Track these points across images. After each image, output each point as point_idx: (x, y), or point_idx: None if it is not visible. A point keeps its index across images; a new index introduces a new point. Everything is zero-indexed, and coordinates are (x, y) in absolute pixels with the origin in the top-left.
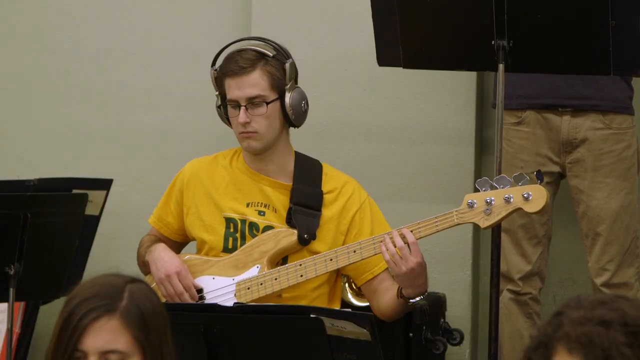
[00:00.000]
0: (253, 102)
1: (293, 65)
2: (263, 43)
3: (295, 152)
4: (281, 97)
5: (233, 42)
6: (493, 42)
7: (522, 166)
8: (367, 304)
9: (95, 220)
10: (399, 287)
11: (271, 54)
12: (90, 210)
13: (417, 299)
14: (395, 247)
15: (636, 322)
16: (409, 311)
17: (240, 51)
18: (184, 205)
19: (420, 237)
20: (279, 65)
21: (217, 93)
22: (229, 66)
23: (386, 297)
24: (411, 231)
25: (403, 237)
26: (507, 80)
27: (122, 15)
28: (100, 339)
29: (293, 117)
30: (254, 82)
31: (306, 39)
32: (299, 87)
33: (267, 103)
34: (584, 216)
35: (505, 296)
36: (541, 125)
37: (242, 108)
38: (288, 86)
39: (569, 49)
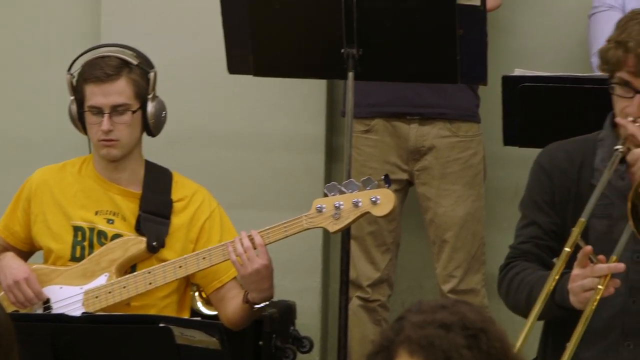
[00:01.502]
0: (117, 110)
1: (156, 74)
2: (125, 50)
3: (146, 160)
4: (143, 106)
5: (93, 48)
6: (343, 50)
7: (371, 174)
8: (216, 312)
9: None
10: (245, 292)
11: (135, 62)
12: None
13: (262, 304)
14: (242, 247)
15: (475, 325)
16: (258, 319)
17: (103, 57)
18: (31, 213)
19: (270, 242)
20: (142, 73)
21: (72, 98)
22: (93, 72)
23: (233, 304)
24: (260, 237)
25: (251, 239)
26: (357, 88)
27: None
28: None
29: (153, 127)
30: (120, 90)
31: (157, 45)
32: (158, 97)
33: (133, 112)
34: (431, 223)
35: (354, 303)
36: (389, 133)
37: (106, 115)
38: (151, 96)
39: (417, 58)
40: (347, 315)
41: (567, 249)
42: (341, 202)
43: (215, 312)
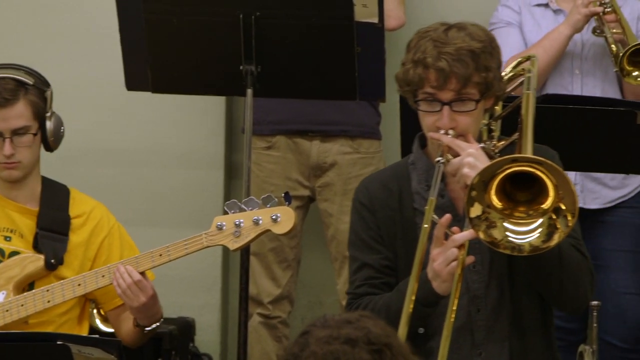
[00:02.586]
0: (18, 132)
1: (52, 92)
2: (19, 70)
3: (43, 177)
4: (42, 125)
5: None
6: (241, 67)
7: (272, 190)
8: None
9: None
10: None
11: (31, 82)
12: None
13: (153, 326)
14: (125, 283)
15: (380, 340)
16: (157, 336)
17: None
18: None
19: (170, 260)
20: (39, 93)
21: None
22: None
23: (126, 325)
24: (160, 255)
25: (130, 275)
26: (257, 105)
27: None
28: None
29: (53, 144)
30: (19, 114)
31: (55, 62)
32: (55, 113)
33: (34, 134)
34: (333, 239)
35: (255, 320)
36: (291, 150)
37: (7, 140)
38: (49, 114)
39: (316, 75)
40: (246, 331)
41: (425, 225)
42: (241, 220)
43: (112, 330)
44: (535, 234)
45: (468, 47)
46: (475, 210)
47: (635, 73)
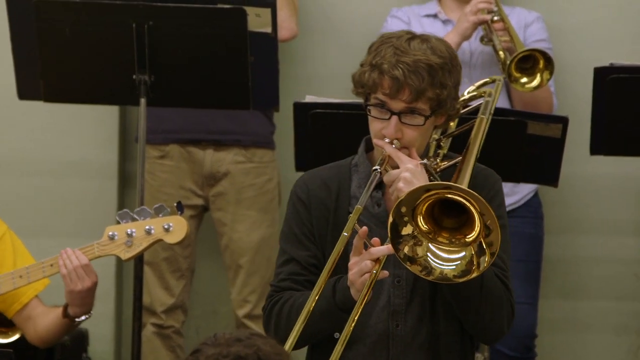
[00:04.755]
0: None
1: None
2: None
3: None
4: None
5: None
6: (134, 77)
7: (165, 199)
8: (7, 340)
9: None
10: (64, 306)
11: None
12: None
13: (83, 317)
14: (72, 265)
15: (270, 358)
16: (50, 348)
17: None
18: None
19: None
20: None
21: None
22: None
23: (46, 321)
24: (51, 265)
25: (76, 258)
26: (151, 114)
27: None
28: None
29: None
30: None
31: None
32: None
33: None
34: (226, 248)
35: (148, 330)
36: (185, 159)
37: None
38: None
39: (209, 84)
40: (139, 341)
41: (345, 234)
42: (133, 230)
43: (5, 340)
44: (452, 265)
45: (427, 60)
46: (407, 229)
47: (523, 80)
